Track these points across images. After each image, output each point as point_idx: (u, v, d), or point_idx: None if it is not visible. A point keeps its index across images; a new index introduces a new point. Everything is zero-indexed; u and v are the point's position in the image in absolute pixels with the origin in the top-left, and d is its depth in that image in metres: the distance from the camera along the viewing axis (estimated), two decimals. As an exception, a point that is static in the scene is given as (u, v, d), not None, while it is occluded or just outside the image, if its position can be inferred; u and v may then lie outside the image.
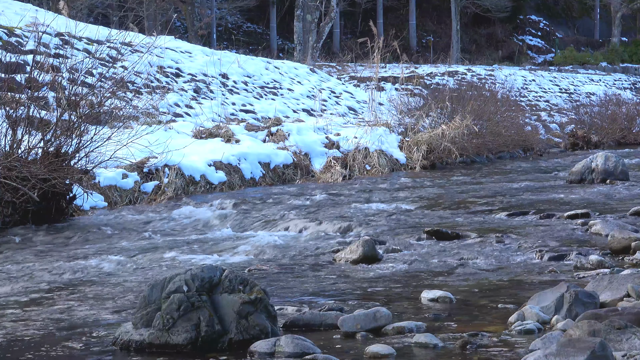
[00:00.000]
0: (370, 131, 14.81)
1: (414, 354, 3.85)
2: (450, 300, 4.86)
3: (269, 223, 8.34)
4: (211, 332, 3.96)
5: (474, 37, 45.86)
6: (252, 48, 35.90)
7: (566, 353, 3.24)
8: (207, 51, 20.89)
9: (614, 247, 6.33)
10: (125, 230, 8.23)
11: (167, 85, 16.35)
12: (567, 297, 4.33)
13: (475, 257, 6.33)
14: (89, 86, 10.21)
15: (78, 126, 8.94)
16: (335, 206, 9.65)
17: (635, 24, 50.36)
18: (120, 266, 6.39)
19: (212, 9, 37.60)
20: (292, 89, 20.20)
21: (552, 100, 30.26)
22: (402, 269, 6.02)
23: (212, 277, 4.08)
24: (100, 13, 33.10)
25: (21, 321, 4.68)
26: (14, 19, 14.93)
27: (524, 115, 23.57)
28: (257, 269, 6.06)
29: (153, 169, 10.93)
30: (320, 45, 29.11)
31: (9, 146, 8.55)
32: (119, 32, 13.24)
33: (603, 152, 12.12)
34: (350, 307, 4.70)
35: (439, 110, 17.11)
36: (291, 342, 3.80)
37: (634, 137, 24.05)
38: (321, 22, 28.72)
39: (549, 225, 7.77)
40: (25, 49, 13.63)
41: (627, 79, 37.74)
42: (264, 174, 12.78)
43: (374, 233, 7.49)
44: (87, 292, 5.49)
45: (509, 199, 10.03)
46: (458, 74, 29.72)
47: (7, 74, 10.71)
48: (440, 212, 8.90)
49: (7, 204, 8.30)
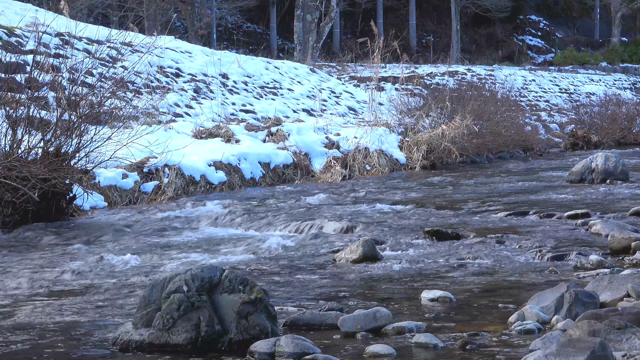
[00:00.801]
0: (370, 131, 14.81)
1: (414, 354, 3.85)
2: (450, 300, 4.86)
3: (269, 223, 8.34)
4: (211, 332, 3.96)
5: (474, 37, 45.86)
6: (252, 48, 35.91)
7: (566, 353, 3.24)
8: (207, 51, 20.90)
9: (614, 247, 6.33)
10: (125, 230, 8.23)
11: (167, 85, 16.35)
12: (567, 297, 4.33)
13: (475, 257, 6.33)
14: (89, 86, 10.21)
15: (78, 126, 8.94)
16: (335, 206, 9.65)
17: (635, 24, 50.35)
18: (120, 266, 6.39)
19: (212, 9, 37.59)
20: (292, 89, 20.20)
21: (552, 100, 30.26)
22: (402, 269, 6.02)
23: (212, 277, 4.08)
24: (100, 13, 33.09)
25: (21, 321, 4.68)
26: (14, 19, 14.93)
27: (524, 115, 23.57)
28: (257, 269, 6.06)
29: (153, 169, 10.93)
30: (320, 45, 29.11)
31: (9, 146, 8.55)
32: (119, 32, 13.24)
33: (603, 152, 12.12)
34: (350, 307, 4.70)
35: (439, 110, 17.10)
36: (291, 342, 3.80)
37: (634, 137, 24.05)
38: (321, 22, 28.72)
39: (549, 225, 7.77)
40: (25, 49, 13.63)
41: (627, 79, 37.73)
42: (264, 174, 12.78)
43: (374, 233, 7.49)
44: (87, 292, 5.49)
45: (509, 199, 10.03)
46: (458, 74, 29.72)
47: (7, 74, 10.71)
48: (440, 212, 8.89)
49: (7, 204, 8.30)
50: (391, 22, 42.05)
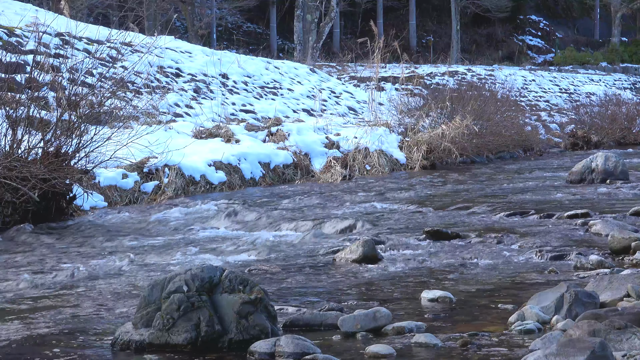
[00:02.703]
0: (370, 131, 14.81)
1: (414, 354, 3.85)
2: (450, 300, 4.86)
3: (269, 223, 8.34)
4: (211, 332, 3.96)
5: (474, 37, 45.85)
6: (252, 48, 35.92)
7: (566, 353, 3.24)
8: (207, 51, 20.90)
9: (614, 247, 6.33)
10: (125, 230, 8.23)
11: (167, 85, 16.35)
12: (567, 297, 4.33)
13: (475, 257, 6.33)
14: (89, 86, 10.21)
15: (78, 126, 8.95)
16: (335, 206, 9.65)
17: (635, 24, 50.35)
18: (120, 266, 6.39)
19: (212, 9, 37.59)
20: (292, 89, 20.20)
21: (552, 100, 30.26)
22: (402, 269, 6.02)
23: (212, 277, 4.08)
24: (100, 13, 33.08)
25: (21, 321, 4.68)
26: (14, 19, 14.93)
27: (524, 115, 23.57)
28: (257, 269, 6.06)
29: (153, 169, 10.93)
30: (320, 45, 29.12)
31: (9, 146, 8.55)
32: (119, 32, 13.23)
33: (603, 152, 12.11)
34: (350, 307, 4.70)
35: (439, 110, 17.10)
36: (291, 342, 3.80)
37: (634, 137, 24.05)
38: (321, 22, 28.72)
39: (549, 225, 7.76)
40: (25, 49, 13.63)
41: (627, 79, 37.73)
42: (264, 174, 12.79)
43: (374, 233, 7.49)
44: (87, 292, 5.49)
45: (509, 199, 10.03)
46: (458, 74, 29.72)
47: (7, 74, 10.71)
48: (440, 212, 8.89)
49: (7, 204, 8.30)
50: (391, 22, 42.04)
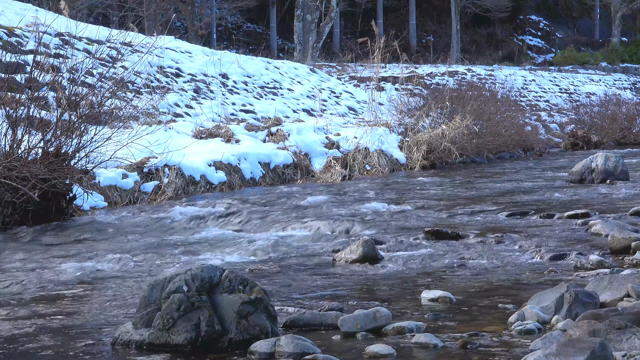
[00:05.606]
0: (370, 131, 14.81)
1: (414, 354, 3.85)
2: (450, 300, 4.86)
3: (269, 223, 8.34)
4: (211, 332, 3.96)
5: (474, 37, 45.86)
6: (252, 48, 35.92)
7: (566, 353, 3.24)
8: (207, 51, 20.90)
9: (614, 247, 6.33)
10: (125, 230, 8.23)
11: (167, 85, 16.35)
12: (567, 297, 4.33)
13: (475, 257, 6.33)
14: (89, 86, 10.21)
15: (78, 126, 8.94)
16: (335, 206, 9.65)
17: (635, 24, 50.36)
18: (120, 266, 6.39)
19: (212, 9, 37.60)
20: (292, 89, 20.20)
21: (552, 100, 30.26)
22: (402, 269, 6.02)
23: (212, 277, 4.08)
24: (100, 13, 33.08)
25: (21, 321, 4.68)
26: (14, 19, 14.93)
27: (524, 115, 23.58)
28: (257, 269, 6.06)
29: (153, 169, 10.93)
30: (320, 45, 29.11)
31: (9, 146, 8.55)
32: (119, 32, 13.23)
33: (603, 152, 12.11)
34: (350, 307, 4.70)
35: (439, 110, 17.10)
36: (291, 342, 3.80)
37: (634, 137, 24.07)
38: (321, 22, 28.72)
39: (549, 225, 7.76)
40: (25, 49, 13.63)
41: (627, 79, 37.74)
42: (264, 174, 12.78)
43: (374, 233, 7.49)
44: (87, 292, 5.49)
45: (509, 199, 10.03)
46: (458, 74, 29.72)
47: (7, 74, 10.71)
48: (440, 212, 8.89)
49: (7, 204, 8.30)
50: (391, 22, 42.05)
